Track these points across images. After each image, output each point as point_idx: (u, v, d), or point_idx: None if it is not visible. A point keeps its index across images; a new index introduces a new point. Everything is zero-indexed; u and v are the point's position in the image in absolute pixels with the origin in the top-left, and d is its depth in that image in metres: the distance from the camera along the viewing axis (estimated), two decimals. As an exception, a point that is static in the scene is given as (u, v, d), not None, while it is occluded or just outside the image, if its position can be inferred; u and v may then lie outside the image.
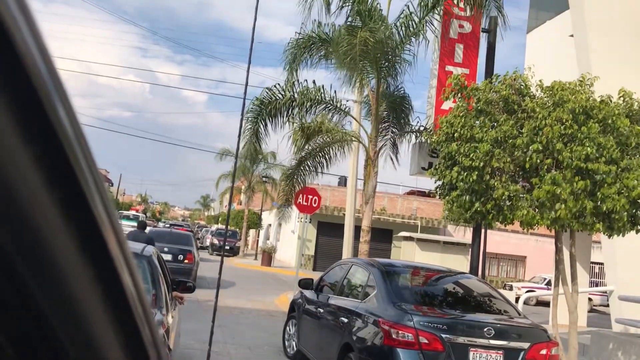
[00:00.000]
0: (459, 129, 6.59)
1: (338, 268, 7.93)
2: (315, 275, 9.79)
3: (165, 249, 14.45)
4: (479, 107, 6.60)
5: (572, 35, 11.98)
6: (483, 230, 11.76)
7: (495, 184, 6.22)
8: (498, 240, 28.17)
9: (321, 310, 7.28)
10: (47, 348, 0.51)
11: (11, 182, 0.41)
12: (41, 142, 0.43)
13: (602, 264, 24.99)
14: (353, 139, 13.63)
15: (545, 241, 29.38)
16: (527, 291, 24.98)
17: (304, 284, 8.29)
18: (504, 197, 6.23)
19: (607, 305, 23.04)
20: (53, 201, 0.45)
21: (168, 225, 30.74)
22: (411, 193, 39.28)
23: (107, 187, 0.54)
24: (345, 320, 6.31)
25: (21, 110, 0.41)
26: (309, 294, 8.08)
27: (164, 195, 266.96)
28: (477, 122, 6.59)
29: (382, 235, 29.16)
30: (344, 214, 20.77)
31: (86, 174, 0.47)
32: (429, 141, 10.01)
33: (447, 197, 6.90)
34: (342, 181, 37.00)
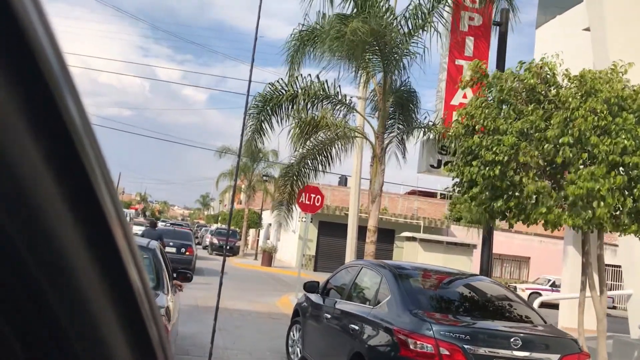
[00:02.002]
0: (481, 121, 6.08)
1: (345, 271, 7.47)
2: (316, 276, 9.33)
3: (171, 244, 17.83)
4: (502, 97, 6.10)
5: (586, 29, 11.55)
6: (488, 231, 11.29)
7: (524, 180, 5.71)
8: (502, 241, 27.71)
9: (328, 316, 6.82)
10: (56, 347, 0.50)
11: (24, 177, 0.42)
12: (53, 137, 0.44)
13: (612, 266, 24.61)
14: (358, 135, 13.15)
15: (550, 242, 28.96)
16: (531, 293, 24.59)
17: (310, 287, 7.81)
18: (529, 195, 5.73)
19: (613, 308, 22.69)
20: (63, 195, 0.45)
21: (169, 225, 31.61)
22: (412, 193, 38.90)
23: None
24: (356, 327, 5.84)
25: (34, 107, 0.42)
26: (314, 297, 7.61)
27: (164, 194, 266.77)
28: (500, 113, 6.08)
29: (385, 236, 28.65)
30: (346, 214, 20.33)
31: (95, 169, 0.47)
32: (439, 137, 9.52)
33: (465, 194, 6.40)
34: (343, 181, 36.64)
